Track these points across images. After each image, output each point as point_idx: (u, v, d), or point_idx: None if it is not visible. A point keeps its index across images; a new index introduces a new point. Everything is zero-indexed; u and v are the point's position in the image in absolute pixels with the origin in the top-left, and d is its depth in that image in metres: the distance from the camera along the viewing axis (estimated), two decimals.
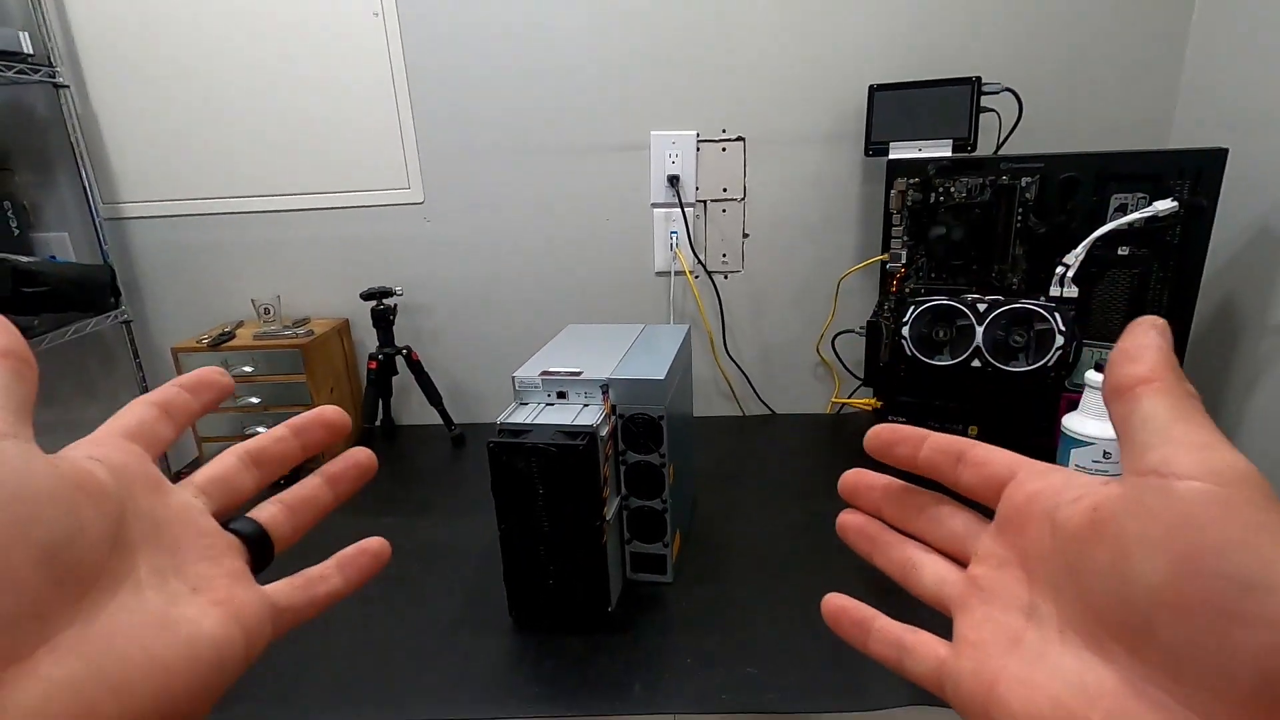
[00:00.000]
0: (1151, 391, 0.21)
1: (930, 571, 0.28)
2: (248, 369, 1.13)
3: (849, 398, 1.29)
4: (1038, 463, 0.26)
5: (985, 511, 0.28)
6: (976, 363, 0.92)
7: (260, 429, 1.15)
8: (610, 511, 0.75)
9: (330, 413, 0.32)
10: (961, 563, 0.28)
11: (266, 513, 0.30)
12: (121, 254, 1.25)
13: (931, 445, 0.28)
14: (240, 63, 1.16)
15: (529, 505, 0.71)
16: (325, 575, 0.30)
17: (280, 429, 0.31)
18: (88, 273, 1.15)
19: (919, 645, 0.27)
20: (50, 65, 1.12)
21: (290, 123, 1.19)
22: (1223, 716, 0.18)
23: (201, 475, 0.28)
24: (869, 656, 0.29)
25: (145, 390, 1.27)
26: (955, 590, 0.27)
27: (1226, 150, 0.90)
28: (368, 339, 1.27)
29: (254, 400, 1.14)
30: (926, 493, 0.30)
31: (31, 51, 1.08)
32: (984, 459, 0.27)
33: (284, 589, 0.28)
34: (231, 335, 1.16)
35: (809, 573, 0.82)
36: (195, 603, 0.24)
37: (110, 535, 0.22)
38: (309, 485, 0.31)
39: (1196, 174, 0.91)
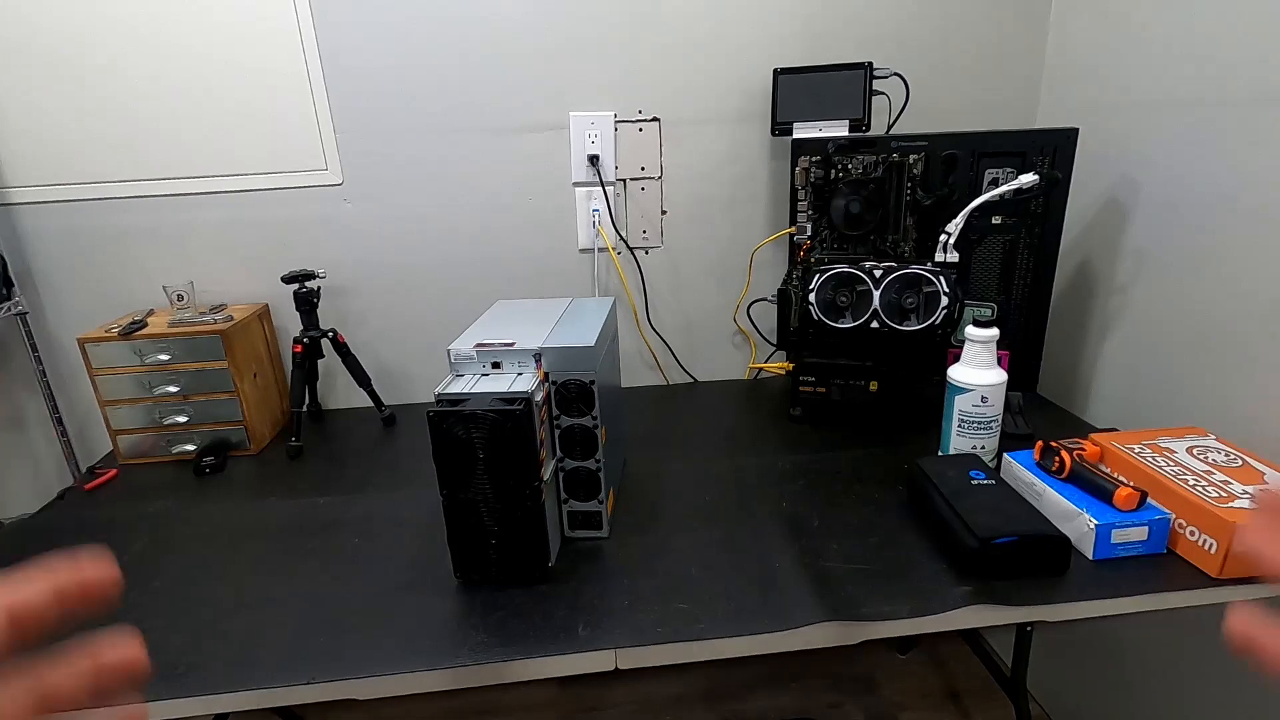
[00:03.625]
0: None
1: None
2: (163, 357, 1.10)
3: (765, 362, 1.39)
4: None
5: None
6: (875, 324, 1.02)
7: (180, 418, 1.12)
8: (547, 473, 0.80)
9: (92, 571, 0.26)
10: None
11: None
12: (11, 242, 1.18)
13: None
14: (140, 35, 1.11)
15: (469, 471, 0.74)
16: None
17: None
18: None
19: None
20: None
21: (194, 102, 1.15)
22: None
23: None
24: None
25: (46, 384, 1.21)
26: None
27: (1077, 130, 1.02)
28: (290, 325, 1.25)
29: (172, 389, 1.11)
30: None
31: None
32: None
33: None
34: (143, 324, 1.12)
35: (732, 518, 0.90)
36: None
37: None
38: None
39: (1054, 151, 1.04)
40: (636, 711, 1.51)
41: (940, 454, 0.97)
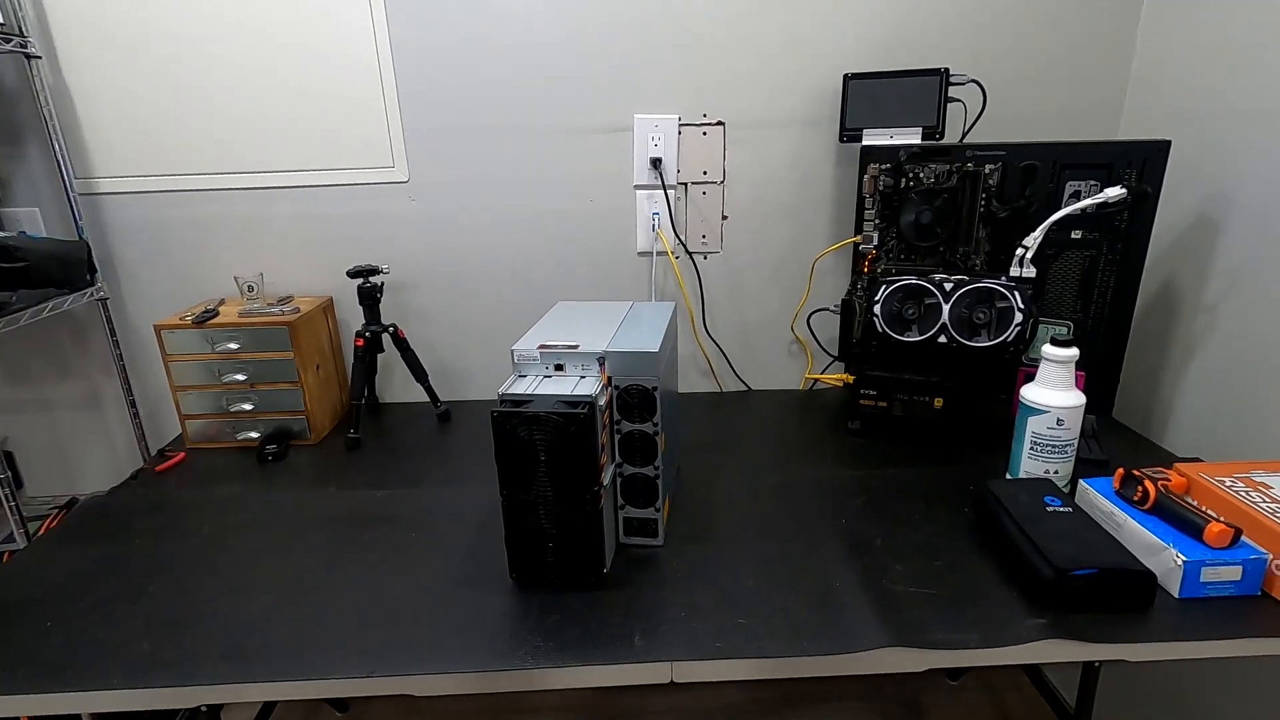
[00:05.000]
0: None
1: None
2: (233, 346, 1.13)
3: (822, 373, 1.36)
4: None
5: None
6: (943, 339, 0.99)
7: (246, 405, 1.16)
8: (606, 478, 0.79)
9: None
10: None
11: None
12: (96, 230, 1.23)
13: None
14: (220, 36, 1.15)
15: (530, 472, 0.74)
16: None
17: None
18: (65, 248, 1.14)
19: None
20: (21, 35, 1.09)
21: (272, 99, 1.18)
22: None
23: None
24: None
25: (123, 368, 1.26)
26: None
27: (1169, 142, 0.97)
28: (351, 318, 1.28)
29: (239, 377, 1.14)
30: None
31: (1, 20, 1.05)
32: None
33: None
34: (215, 313, 1.15)
35: (789, 532, 0.88)
36: None
37: None
38: None
39: (1142, 164, 0.99)
40: None
41: (1009, 477, 0.94)
